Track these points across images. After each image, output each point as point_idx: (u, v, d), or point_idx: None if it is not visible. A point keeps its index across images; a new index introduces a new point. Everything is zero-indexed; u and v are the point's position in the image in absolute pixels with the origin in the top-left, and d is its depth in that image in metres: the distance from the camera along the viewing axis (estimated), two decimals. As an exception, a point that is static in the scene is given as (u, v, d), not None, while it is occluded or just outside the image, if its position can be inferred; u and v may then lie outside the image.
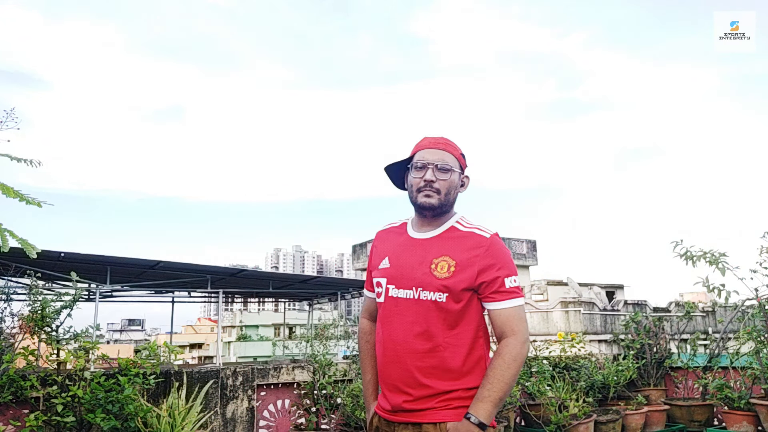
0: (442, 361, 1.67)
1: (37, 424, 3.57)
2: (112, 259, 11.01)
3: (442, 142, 1.82)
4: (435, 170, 1.76)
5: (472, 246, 1.72)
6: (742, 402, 4.52)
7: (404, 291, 1.73)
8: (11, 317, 4.00)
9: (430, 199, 1.75)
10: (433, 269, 1.70)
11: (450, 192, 1.77)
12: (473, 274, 1.68)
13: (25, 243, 2.79)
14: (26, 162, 2.94)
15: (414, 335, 1.69)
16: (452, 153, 1.80)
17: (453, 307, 1.68)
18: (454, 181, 1.78)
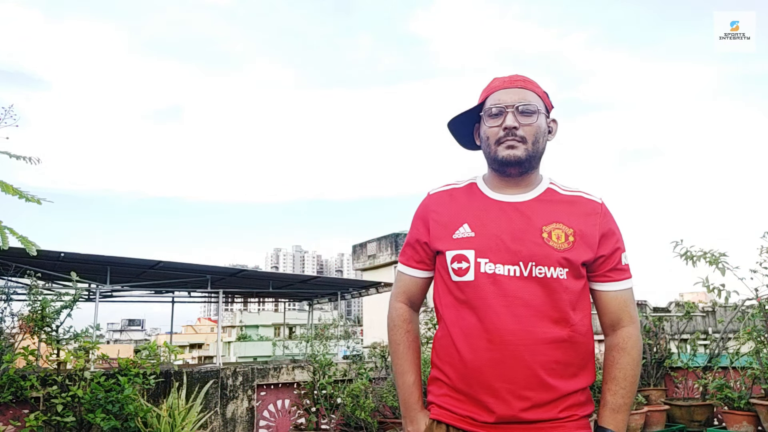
0: (569, 355, 1.35)
1: (37, 424, 3.57)
2: (112, 259, 11.00)
3: (519, 79, 1.45)
4: (516, 114, 1.40)
5: (587, 212, 1.42)
6: (742, 402, 4.52)
7: (507, 267, 1.34)
8: (11, 317, 4.00)
9: (514, 150, 1.39)
10: (546, 239, 1.36)
11: (538, 140, 1.41)
12: (594, 244, 1.38)
13: (25, 241, 2.79)
14: (25, 159, 2.93)
15: (537, 322, 1.32)
16: (534, 91, 1.44)
17: (574, 286, 1.36)
18: (541, 126, 1.42)
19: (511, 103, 1.41)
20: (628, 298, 1.43)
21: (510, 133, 1.39)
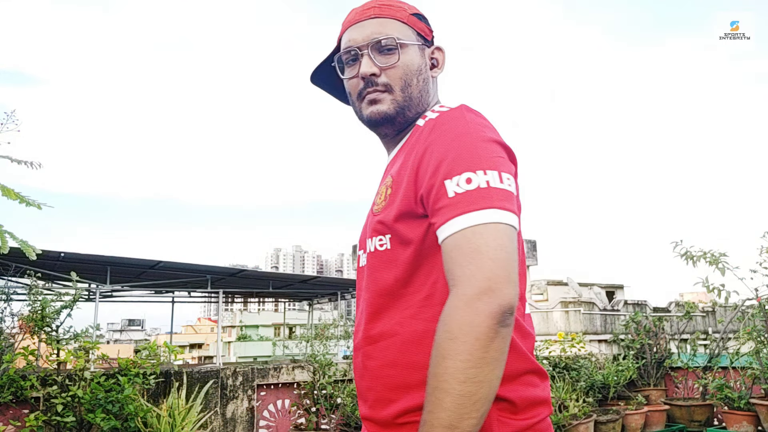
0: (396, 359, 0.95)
1: (37, 424, 3.57)
2: (112, 259, 11.01)
3: (373, 6, 1.09)
4: (373, 55, 1.05)
5: (415, 142, 1.00)
6: (742, 402, 4.52)
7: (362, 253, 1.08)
8: (11, 317, 4.01)
9: (378, 105, 1.06)
10: (373, 206, 1.06)
11: (409, 83, 1.05)
12: (410, 184, 0.95)
13: (25, 245, 2.79)
14: (26, 164, 2.94)
15: (362, 318, 1.04)
16: (396, 17, 1.07)
17: (399, 257, 0.96)
18: (411, 64, 1.06)
19: (363, 42, 1.06)
20: (456, 244, 0.84)
21: (369, 82, 1.05)
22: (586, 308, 21.07)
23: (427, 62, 1.11)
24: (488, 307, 0.78)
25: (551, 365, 5.67)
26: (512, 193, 0.88)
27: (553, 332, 19.20)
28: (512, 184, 0.89)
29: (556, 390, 4.96)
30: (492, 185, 0.86)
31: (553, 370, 5.57)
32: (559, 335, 6.14)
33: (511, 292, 0.80)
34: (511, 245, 0.84)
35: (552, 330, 20.12)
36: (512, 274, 0.82)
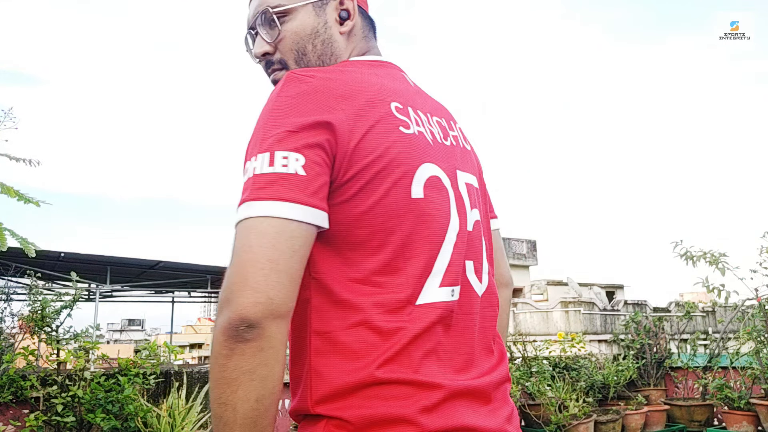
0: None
1: (37, 424, 3.58)
2: (112, 259, 11.02)
3: None
4: (264, 30, 0.98)
5: None
6: (742, 402, 4.52)
7: None
8: (11, 317, 4.01)
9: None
10: None
11: (303, 50, 0.96)
12: None
13: (25, 242, 2.80)
14: (25, 162, 2.94)
15: None
16: None
17: None
18: (302, 29, 0.96)
19: (252, 18, 0.99)
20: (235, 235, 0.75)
21: (268, 63, 0.99)
22: (586, 308, 21.09)
23: (329, 19, 0.97)
24: (221, 322, 0.69)
25: (551, 365, 5.68)
26: (285, 175, 0.73)
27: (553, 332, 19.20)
28: (290, 161, 0.74)
29: (556, 390, 4.96)
30: (257, 172, 0.74)
31: (553, 370, 5.57)
32: (559, 335, 6.14)
33: (245, 300, 0.68)
34: (260, 241, 0.71)
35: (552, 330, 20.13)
36: (252, 278, 0.69)
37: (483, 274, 0.95)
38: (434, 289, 0.81)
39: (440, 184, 0.86)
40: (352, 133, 0.78)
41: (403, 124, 0.84)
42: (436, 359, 0.80)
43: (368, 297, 0.78)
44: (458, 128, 1.04)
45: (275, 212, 0.72)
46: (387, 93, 0.86)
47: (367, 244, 0.79)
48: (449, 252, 0.84)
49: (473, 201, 0.96)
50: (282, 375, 0.73)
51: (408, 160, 0.82)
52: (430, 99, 1.01)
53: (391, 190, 0.79)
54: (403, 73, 1.00)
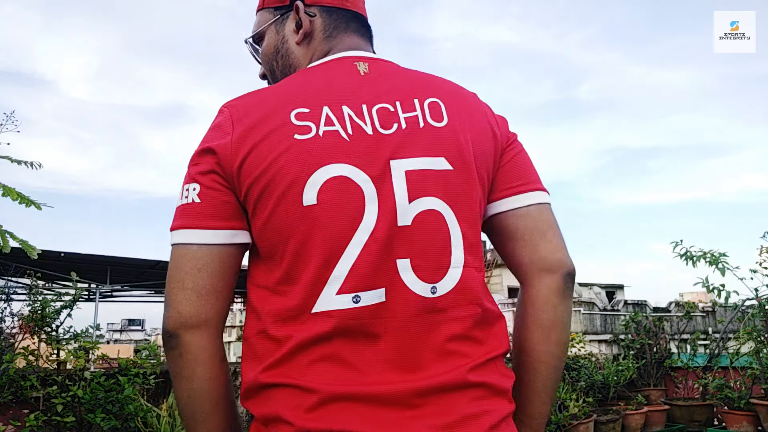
0: None
1: (37, 424, 3.58)
2: (112, 259, 11.02)
3: None
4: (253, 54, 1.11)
5: None
6: (742, 402, 4.52)
7: None
8: (11, 317, 4.01)
9: None
10: None
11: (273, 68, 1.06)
12: None
13: (26, 244, 2.80)
14: (26, 164, 2.94)
15: None
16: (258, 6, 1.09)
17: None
18: (268, 50, 1.06)
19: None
20: None
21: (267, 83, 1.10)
22: (586, 308, 21.08)
23: (287, 32, 1.03)
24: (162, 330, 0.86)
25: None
26: (186, 205, 0.85)
27: (553, 332, 19.11)
28: (189, 192, 0.85)
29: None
30: (176, 206, 0.87)
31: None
32: (559, 335, 6.14)
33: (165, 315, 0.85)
34: (172, 265, 0.87)
35: (552, 330, 20.05)
36: (169, 297, 0.85)
37: (436, 271, 0.85)
38: (330, 297, 0.81)
39: (346, 183, 0.82)
40: (236, 155, 0.83)
41: (300, 130, 0.84)
42: (331, 365, 0.81)
43: (269, 306, 0.85)
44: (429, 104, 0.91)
45: (179, 239, 0.85)
46: (295, 100, 0.87)
47: (273, 255, 0.85)
48: (354, 255, 0.81)
49: (421, 189, 0.85)
50: (210, 376, 0.85)
51: (299, 167, 0.82)
52: (389, 83, 0.93)
53: (281, 201, 0.82)
54: (360, 63, 0.95)
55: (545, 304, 0.93)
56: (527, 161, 0.99)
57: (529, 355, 0.95)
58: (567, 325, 0.94)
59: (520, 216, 0.95)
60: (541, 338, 0.93)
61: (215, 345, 0.87)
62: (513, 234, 0.95)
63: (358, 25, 1.03)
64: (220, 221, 0.84)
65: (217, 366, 0.86)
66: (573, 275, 0.94)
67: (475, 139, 0.92)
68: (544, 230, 0.95)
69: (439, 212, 0.86)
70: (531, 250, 0.94)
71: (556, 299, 0.93)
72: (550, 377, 0.95)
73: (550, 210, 0.97)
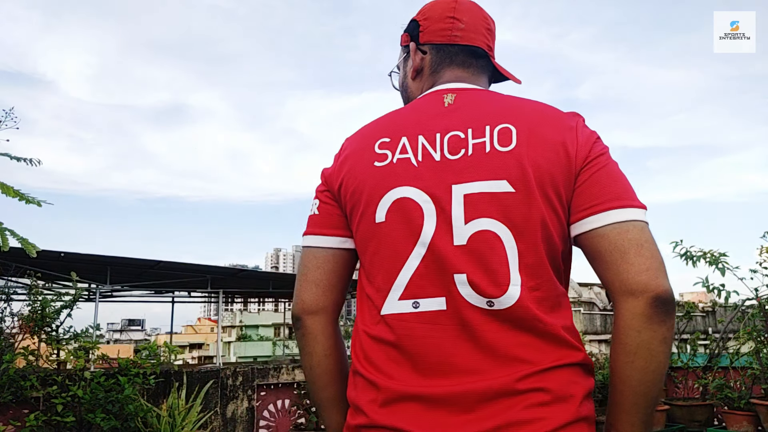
0: None
1: (37, 424, 3.58)
2: (112, 259, 11.02)
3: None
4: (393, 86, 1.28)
5: None
6: (742, 402, 4.52)
7: None
8: (11, 317, 4.01)
9: None
10: None
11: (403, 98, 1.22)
12: None
13: (26, 242, 2.80)
14: (26, 161, 2.94)
15: None
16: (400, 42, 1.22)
17: None
18: (398, 83, 1.23)
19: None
20: None
21: None
22: (586, 308, 21.07)
23: (408, 69, 1.18)
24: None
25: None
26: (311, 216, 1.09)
27: (553, 332, 19.13)
28: (313, 207, 1.10)
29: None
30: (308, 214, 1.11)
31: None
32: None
33: (294, 302, 1.08)
34: (301, 262, 1.08)
35: (552, 330, 20.08)
36: (296, 288, 1.07)
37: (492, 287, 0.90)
38: (394, 302, 0.95)
39: (409, 203, 0.96)
40: (336, 180, 1.05)
41: (379, 158, 1.01)
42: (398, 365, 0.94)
43: (360, 303, 1.04)
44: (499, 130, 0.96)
45: (305, 242, 1.08)
46: (382, 131, 1.04)
47: (362, 262, 1.04)
48: (413, 266, 0.94)
49: (477, 211, 0.92)
50: (326, 353, 1.06)
51: (374, 190, 0.99)
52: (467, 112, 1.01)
53: (362, 218, 1.00)
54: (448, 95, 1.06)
55: (628, 328, 0.90)
56: (608, 178, 0.95)
57: (615, 376, 0.94)
58: (657, 351, 0.90)
59: (597, 237, 0.93)
60: (625, 362, 0.91)
61: (331, 328, 1.07)
62: (595, 256, 0.94)
63: (465, 57, 1.11)
64: (331, 229, 1.06)
65: (332, 345, 1.06)
66: (663, 298, 0.90)
67: (544, 161, 0.94)
68: (625, 251, 0.90)
69: (495, 233, 0.92)
70: (613, 273, 0.91)
71: (640, 324, 0.89)
72: (639, 402, 0.92)
73: (639, 228, 0.92)
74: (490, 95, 1.07)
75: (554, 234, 0.94)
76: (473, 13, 1.13)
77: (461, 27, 1.11)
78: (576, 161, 0.95)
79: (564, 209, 0.95)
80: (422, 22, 1.14)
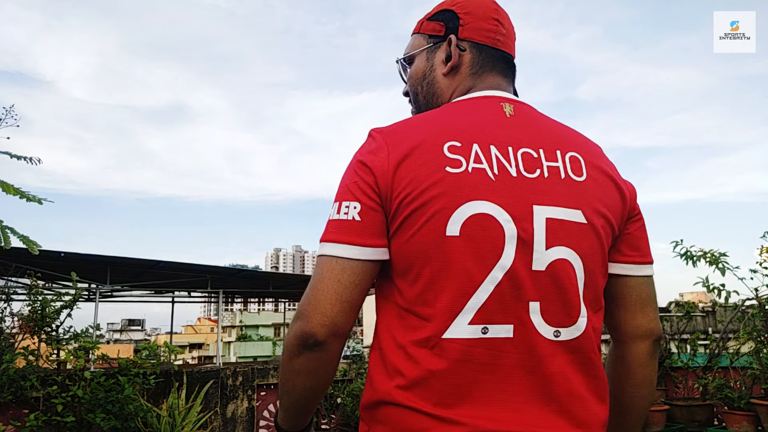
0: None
1: (37, 424, 3.57)
2: (112, 259, 11.01)
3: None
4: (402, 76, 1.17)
5: None
6: (742, 402, 4.52)
7: None
8: (11, 317, 4.01)
9: None
10: None
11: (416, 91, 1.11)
12: None
13: (27, 240, 2.80)
14: (26, 160, 2.94)
15: None
16: (415, 30, 1.14)
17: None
18: (416, 73, 1.11)
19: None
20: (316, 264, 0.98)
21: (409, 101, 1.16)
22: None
23: (437, 62, 1.08)
24: (295, 328, 0.88)
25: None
26: (346, 221, 0.90)
27: (553, 332, 19.12)
28: (350, 210, 0.90)
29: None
30: (330, 218, 0.92)
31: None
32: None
33: (316, 321, 0.87)
34: (329, 275, 0.88)
35: (552, 330, 20.05)
36: (320, 303, 0.87)
37: (562, 317, 0.90)
38: (462, 326, 0.86)
39: (489, 221, 0.87)
40: (392, 178, 0.89)
41: (452, 163, 0.89)
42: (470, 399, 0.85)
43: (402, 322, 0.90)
44: (569, 158, 0.96)
45: (340, 252, 0.88)
46: (447, 133, 0.92)
47: (406, 274, 0.89)
48: (489, 290, 0.86)
49: (558, 238, 0.90)
50: (332, 375, 0.94)
51: (447, 199, 0.87)
52: (533, 129, 0.97)
53: (425, 226, 0.87)
54: (506, 105, 1.00)
55: (637, 366, 1.04)
56: (646, 234, 1.06)
57: (621, 404, 1.07)
58: (653, 380, 1.08)
59: (630, 285, 1.03)
60: (632, 393, 1.06)
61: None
62: (620, 300, 1.04)
63: (504, 66, 1.07)
64: (377, 239, 0.90)
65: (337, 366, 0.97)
66: (659, 339, 1.06)
67: (607, 199, 0.97)
68: (646, 303, 1.04)
69: (571, 264, 0.91)
70: (630, 317, 1.04)
71: (645, 361, 1.05)
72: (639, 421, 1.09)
73: (653, 283, 1.06)
74: (539, 114, 1.02)
75: (605, 270, 0.99)
76: (509, 21, 1.09)
77: (503, 32, 1.06)
78: (628, 208, 1.01)
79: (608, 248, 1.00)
80: (463, 16, 1.05)
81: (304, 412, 0.98)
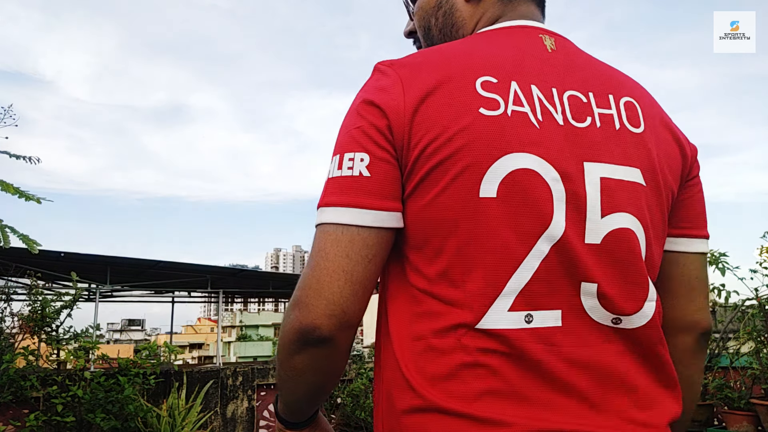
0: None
1: (37, 424, 3.57)
2: (112, 259, 11.02)
3: None
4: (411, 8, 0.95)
5: None
6: (742, 402, 4.52)
7: None
8: (11, 317, 4.01)
9: None
10: None
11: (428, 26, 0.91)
12: None
13: (27, 239, 2.80)
14: (25, 159, 2.94)
15: None
16: None
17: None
18: (423, 5, 0.91)
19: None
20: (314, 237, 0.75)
21: (414, 41, 0.98)
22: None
23: None
24: (293, 320, 0.69)
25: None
26: (351, 178, 0.69)
27: (553, 332, 19.16)
28: (356, 163, 0.69)
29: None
30: (330, 176, 0.71)
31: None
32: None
33: (320, 310, 0.67)
34: (335, 248, 0.68)
35: (552, 330, 20.10)
36: (325, 287, 0.67)
37: (626, 302, 0.72)
38: (501, 313, 0.68)
39: (534, 179, 0.68)
40: (409, 120, 0.69)
41: (487, 103, 0.69)
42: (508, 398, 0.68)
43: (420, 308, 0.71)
44: (624, 104, 0.78)
45: (345, 219, 0.68)
46: (479, 66, 0.72)
47: (423, 248, 0.70)
48: (533, 267, 0.68)
49: (616, 203, 0.72)
50: (340, 371, 0.76)
51: (482, 149, 0.67)
52: (580, 69, 0.79)
53: (451, 184, 0.67)
54: (546, 38, 0.80)
55: (677, 364, 0.81)
56: (703, 200, 0.87)
57: None
58: (697, 382, 0.88)
59: (678, 263, 0.84)
60: None
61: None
62: (662, 281, 0.83)
63: None
64: (392, 201, 0.69)
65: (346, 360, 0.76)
66: (708, 333, 0.85)
67: (665, 157, 0.79)
68: (694, 287, 0.85)
69: (635, 234, 0.73)
70: (673, 304, 0.84)
71: (688, 359, 0.85)
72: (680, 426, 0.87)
73: (706, 264, 0.87)
74: (583, 52, 0.83)
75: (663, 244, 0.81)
76: None
77: None
78: (687, 168, 0.83)
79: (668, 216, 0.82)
80: None
81: (310, 406, 0.84)
